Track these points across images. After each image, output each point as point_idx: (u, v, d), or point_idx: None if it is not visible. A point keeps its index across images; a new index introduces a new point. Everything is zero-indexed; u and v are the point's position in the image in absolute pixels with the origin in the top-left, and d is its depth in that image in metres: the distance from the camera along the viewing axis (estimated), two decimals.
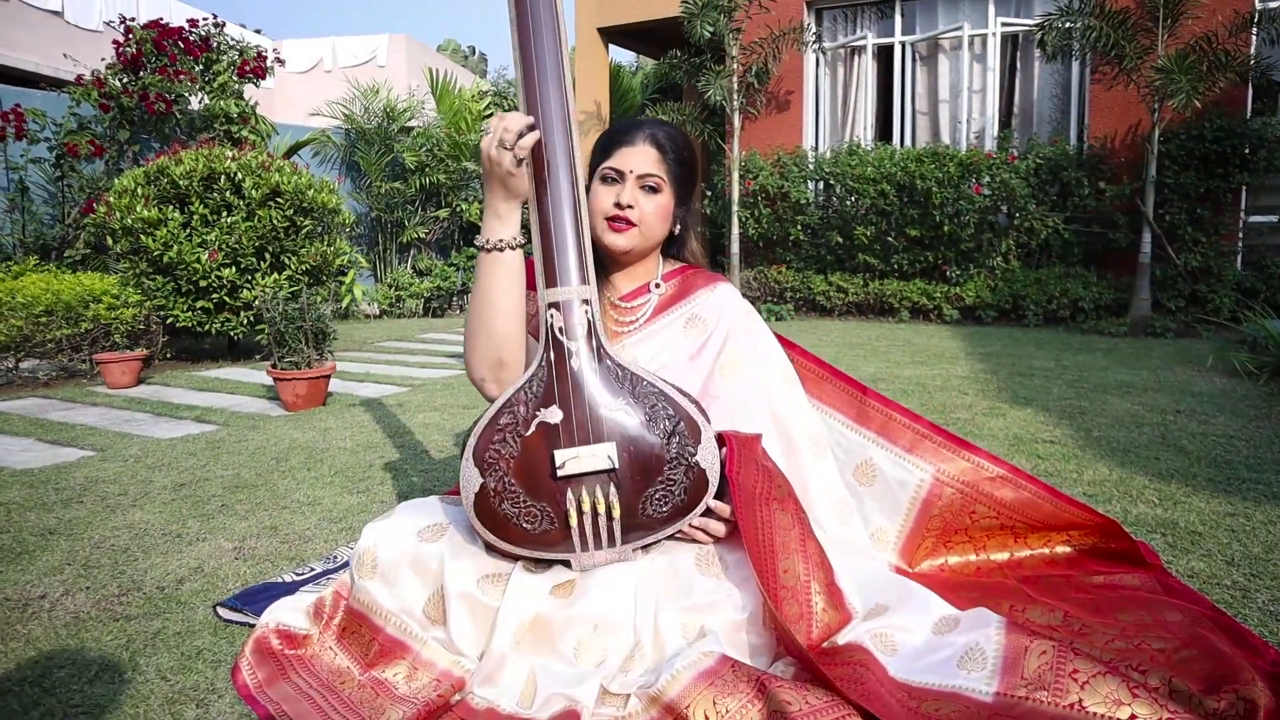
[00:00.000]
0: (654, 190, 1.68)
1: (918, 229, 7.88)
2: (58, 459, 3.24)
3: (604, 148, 1.71)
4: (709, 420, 1.50)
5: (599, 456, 1.42)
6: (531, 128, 1.45)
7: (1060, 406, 3.91)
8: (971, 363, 5.32)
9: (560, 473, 1.41)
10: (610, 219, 1.67)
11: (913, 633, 1.53)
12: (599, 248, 1.72)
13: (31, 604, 1.89)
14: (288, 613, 1.65)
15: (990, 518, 1.99)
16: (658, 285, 1.79)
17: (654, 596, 1.47)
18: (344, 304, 9.12)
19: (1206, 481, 2.70)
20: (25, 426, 3.86)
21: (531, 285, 1.56)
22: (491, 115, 10.17)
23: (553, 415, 1.43)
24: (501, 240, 1.50)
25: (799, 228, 8.52)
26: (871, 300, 8.21)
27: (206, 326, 5.62)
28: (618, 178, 1.68)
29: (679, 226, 1.78)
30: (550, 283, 1.46)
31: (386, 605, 1.53)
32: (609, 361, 1.46)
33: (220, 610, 1.82)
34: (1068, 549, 2.05)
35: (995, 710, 1.31)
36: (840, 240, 8.32)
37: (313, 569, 2.00)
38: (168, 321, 5.60)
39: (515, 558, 1.51)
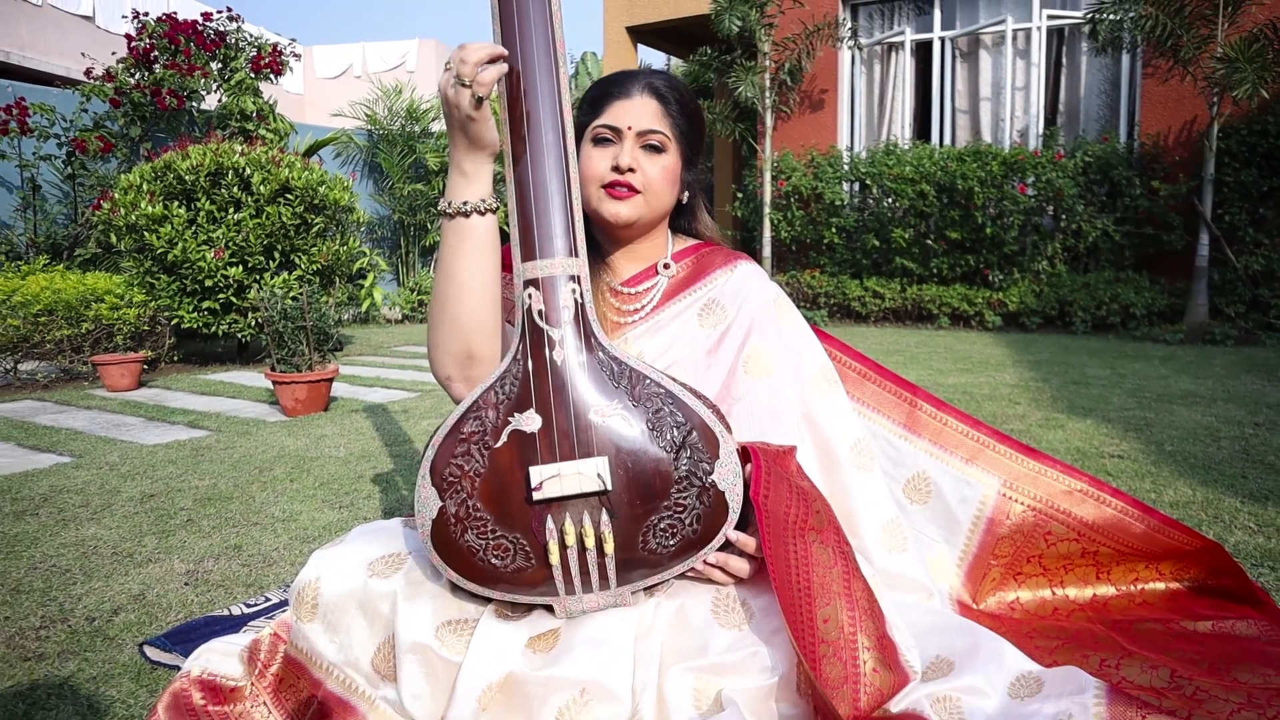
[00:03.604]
0: (658, 150, 1.37)
1: (958, 231, 7.50)
2: (29, 465, 3.00)
3: (593, 103, 1.40)
4: (729, 430, 1.20)
5: (586, 475, 1.11)
6: (496, 59, 1.15)
7: (1123, 417, 3.54)
8: (1020, 370, 4.95)
9: (537, 495, 1.11)
10: (608, 186, 1.37)
11: (985, 696, 1.21)
12: (595, 223, 1.42)
13: None
14: (217, 658, 1.35)
15: (1069, 540, 1.66)
16: (666, 266, 1.47)
17: (658, 653, 1.15)
18: (364, 308, 8.91)
19: None
20: (8, 430, 3.63)
21: (509, 267, 1.25)
22: None
23: (529, 422, 1.12)
24: (467, 203, 1.20)
25: (833, 230, 8.17)
26: (909, 306, 7.83)
27: (213, 328, 5.39)
28: (613, 137, 1.37)
29: (687, 194, 1.48)
30: (528, 255, 1.16)
31: (328, 655, 1.23)
32: (602, 354, 1.15)
33: (147, 650, 1.53)
34: (1160, 585, 1.71)
35: None
36: (876, 243, 7.96)
37: (268, 599, 1.72)
38: (174, 323, 5.39)
39: (486, 599, 1.21)
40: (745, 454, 1.25)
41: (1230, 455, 2.91)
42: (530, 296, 1.15)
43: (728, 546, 1.20)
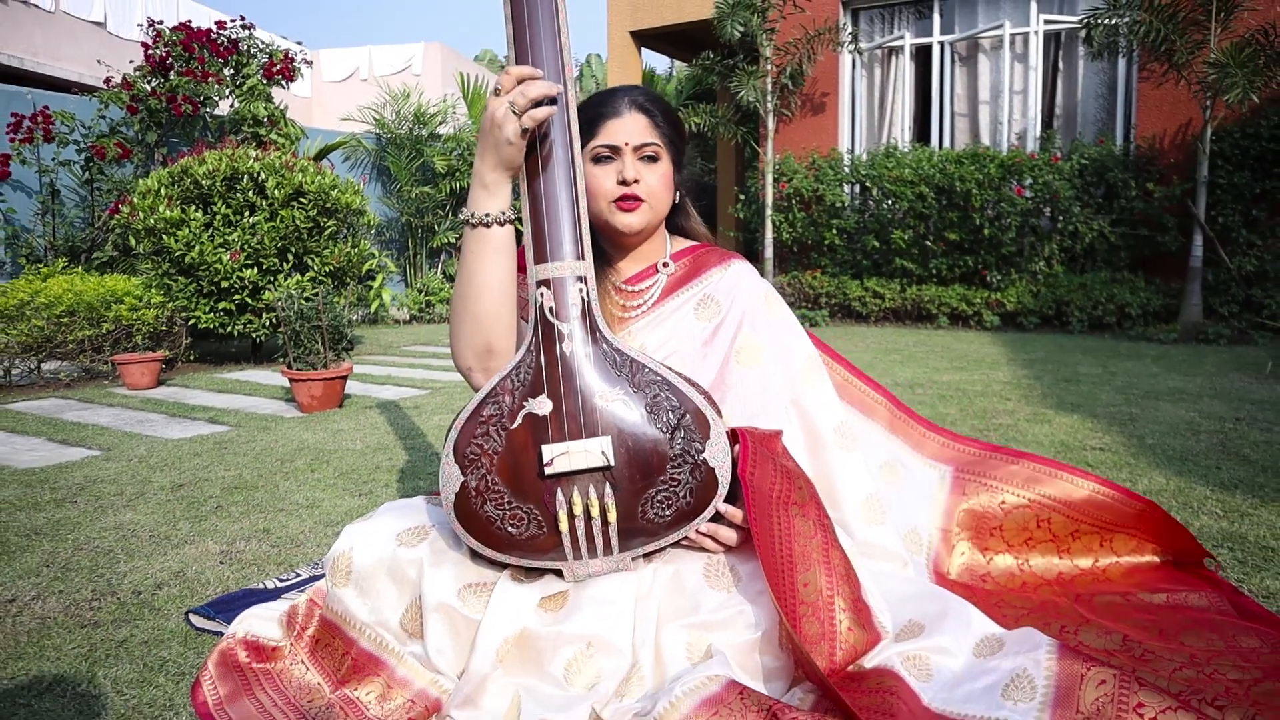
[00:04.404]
0: (654, 160, 1.51)
1: (957, 233, 7.63)
2: (62, 458, 3.15)
3: (587, 125, 1.52)
4: (720, 414, 1.34)
5: (592, 453, 1.25)
6: (552, 101, 1.29)
7: (1109, 413, 3.67)
8: (1014, 369, 5.08)
9: (548, 470, 1.25)
10: (618, 200, 1.51)
11: (951, 655, 1.35)
12: (602, 232, 1.57)
13: None
14: (259, 622, 1.50)
15: (1022, 507, 1.85)
16: (666, 265, 1.62)
17: (656, 612, 1.30)
18: (373, 309, 9.07)
19: (1275, 493, 2.47)
20: (38, 426, 3.79)
21: (524, 269, 1.40)
22: None
23: (541, 406, 1.27)
24: (488, 214, 1.34)
25: (834, 232, 8.30)
26: (909, 306, 7.96)
27: (229, 328, 5.55)
28: (613, 154, 1.50)
29: (678, 194, 1.62)
30: (540, 258, 1.30)
31: (360, 616, 1.38)
32: (606, 346, 1.30)
33: (192, 618, 1.68)
34: (1116, 560, 1.86)
35: None
36: (876, 244, 8.09)
37: (298, 574, 1.86)
38: (190, 323, 5.55)
39: (502, 565, 1.35)
40: (735, 436, 1.39)
41: (1208, 448, 3.04)
42: (542, 295, 1.30)
43: (718, 518, 1.35)
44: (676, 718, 1.12)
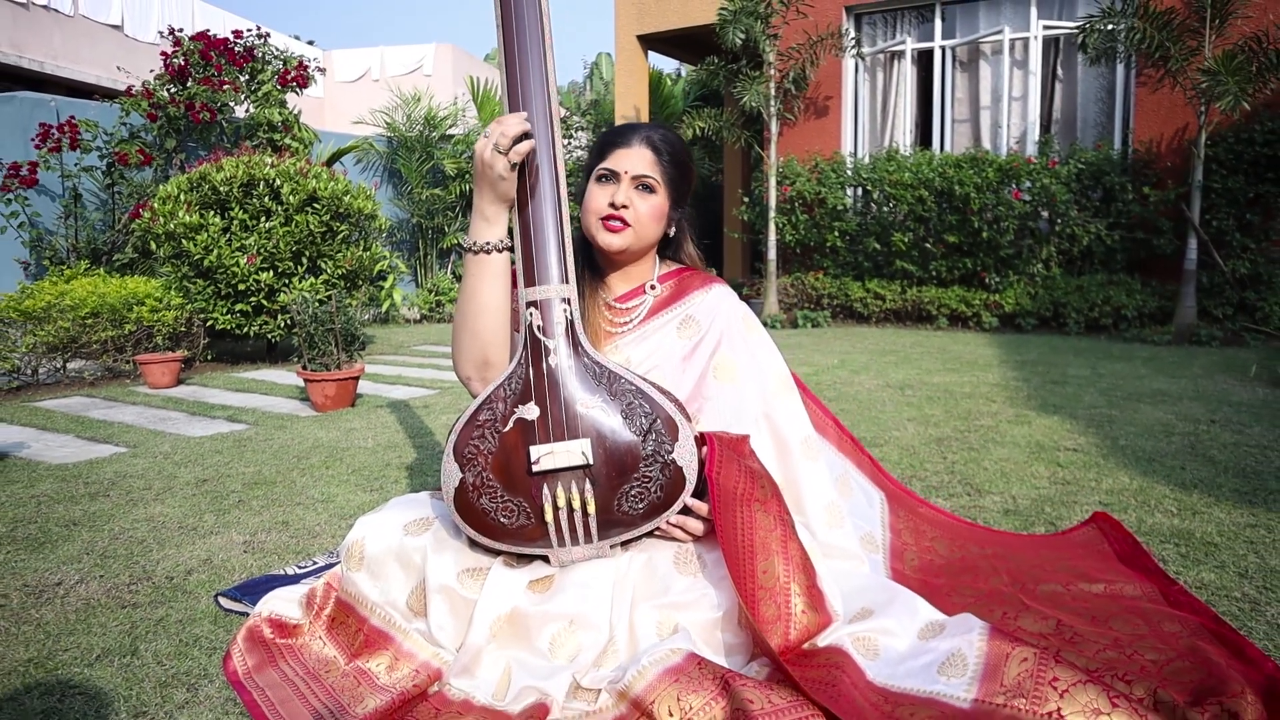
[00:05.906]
0: (649, 190, 1.67)
1: (956, 235, 7.77)
2: (92, 455, 3.35)
3: (600, 150, 1.71)
4: (689, 419, 1.51)
5: (573, 452, 1.43)
6: (528, 135, 1.46)
7: (1089, 415, 3.82)
8: (1005, 370, 5.23)
9: (535, 468, 1.43)
10: (605, 218, 1.67)
11: (897, 637, 1.52)
12: (594, 249, 1.73)
13: (47, 590, 1.96)
14: (282, 603, 1.69)
15: (938, 538, 2.11)
16: (653, 287, 1.79)
17: (630, 594, 1.48)
18: (384, 309, 9.27)
19: (1231, 492, 2.63)
20: (66, 424, 3.99)
21: (516, 284, 1.58)
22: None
23: (530, 412, 1.45)
24: (488, 243, 1.52)
25: (836, 234, 8.45)
26: (909, 307, 8.11)
27: (245, 329, 5.76)
28: (612, 178, 1.68)
29: (674, 229, 1.78)
30: (529, 281, 1.48)
31: (372, 597, 1.56)
32: (587, 359, 1.48)
33: (221, 600, 1.87)
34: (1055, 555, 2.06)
35: (972, 717, 1.29)
36: (878, 247, 8.24)
37: (315, 562, 2.05)
38: (208, 324, 5.76)
39: (496, 552, 1.53)
40: (704, 439, 1.56)
41: (1178, 449, 3.19)
42: (531, 314, 1.48)
43: (687, 511, 1.52)
44: (643, 684, 1.30)
